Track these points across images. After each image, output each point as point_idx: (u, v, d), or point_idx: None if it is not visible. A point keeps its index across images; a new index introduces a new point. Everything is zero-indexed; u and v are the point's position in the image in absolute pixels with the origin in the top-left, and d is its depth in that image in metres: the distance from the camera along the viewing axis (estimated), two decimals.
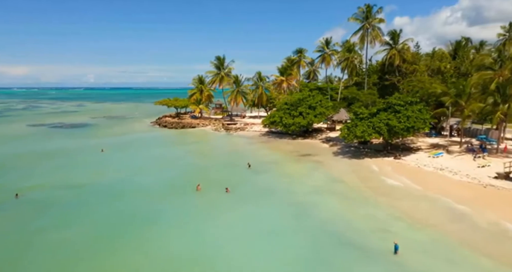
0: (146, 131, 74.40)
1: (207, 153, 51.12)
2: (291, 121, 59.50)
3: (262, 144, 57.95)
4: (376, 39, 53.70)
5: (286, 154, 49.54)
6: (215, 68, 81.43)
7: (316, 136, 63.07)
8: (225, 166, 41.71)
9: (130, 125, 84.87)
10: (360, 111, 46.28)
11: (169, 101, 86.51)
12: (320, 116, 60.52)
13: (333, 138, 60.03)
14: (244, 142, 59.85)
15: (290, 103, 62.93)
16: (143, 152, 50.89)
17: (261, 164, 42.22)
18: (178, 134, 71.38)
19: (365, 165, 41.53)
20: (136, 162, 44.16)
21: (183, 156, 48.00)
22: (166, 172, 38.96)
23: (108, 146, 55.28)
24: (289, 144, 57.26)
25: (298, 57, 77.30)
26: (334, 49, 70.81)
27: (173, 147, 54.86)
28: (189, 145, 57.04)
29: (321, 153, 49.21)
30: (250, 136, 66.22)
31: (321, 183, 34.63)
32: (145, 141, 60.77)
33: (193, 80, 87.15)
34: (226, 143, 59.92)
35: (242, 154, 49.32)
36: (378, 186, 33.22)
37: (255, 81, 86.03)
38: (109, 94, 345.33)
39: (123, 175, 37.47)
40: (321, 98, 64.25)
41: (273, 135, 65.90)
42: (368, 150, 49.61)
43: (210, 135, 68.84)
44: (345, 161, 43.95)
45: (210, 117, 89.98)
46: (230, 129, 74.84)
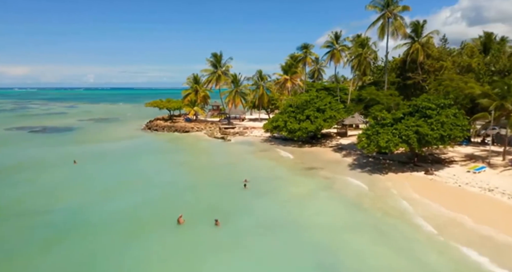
0: (134, 136, 66.47)
1: (197, 166, 42.92)
2: (297, 126, 51.57)
3: (263, 153, 49.96)
4: (398, 31, 45.51)
5: (291, 167, 41.57)
6: (211, 66, 73.47)
7: (325, 143, 55.06)
8: (217, 185, 33.71)
9: (118, 129, 76.94)
10: (382, 116, 38.29)
11: (160, 102, 78.47)
12: (331, 120, 52.56)
13: (346, 145, 52.01)
14: (242, 151, 51.87)
15: (296, 105, 55.01)
16: (122, 164, 42.96)
17: (261, 182, 34.35)
18: (168, 140, 63.39)
19: (391, 184, 33.45)
20: (109, 179, 36.17)
21: (168, 170, 39.99)
22: (142, 194, 30.99)
23: (84, 156, 47.48)
24: (294, 153, 49.28)
25: (303, 54, 69.14)
26: (345, 45, 62.82)
27: (159, 158, 46.85)
28: (178, 155, 48.99)
29: (332, 166, 41.23)
30: (249, 143, 58.25)
31: (338, 212, 26.70)
32: (128, 150, 52.85)
33: (187, 80, 79.22)
34: (221, 152, 51.89)
35: (238, 167, 41.37)
36: (419, 221, 25.06)
37: (255, 81, 78.09)
38: (107, 95, 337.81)
39: (87, 199, 29.53)
40: (330, 100, 56.36)
41: (275, 142, 57.94)
42: (390, 162, 41.64)
43: (204, 141, 60.80)
44: (364, 178, 35.90)
45: (206, 120, 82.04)
46: (227, 134, 66.92)
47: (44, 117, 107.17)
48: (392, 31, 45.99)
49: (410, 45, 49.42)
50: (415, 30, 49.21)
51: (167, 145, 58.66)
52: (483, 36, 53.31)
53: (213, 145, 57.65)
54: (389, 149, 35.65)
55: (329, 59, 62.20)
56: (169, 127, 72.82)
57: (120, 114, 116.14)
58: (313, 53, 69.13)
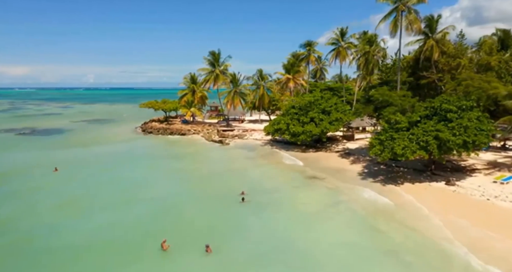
0: (126, 139, 62.50)
1: (190, 175, 38.69)
2: (300, 129, 47.54)
3: (263, 159, 45.95)
4: (413, 25, 41.27)
5: (294, 175, 37.53)
6: (209, 65, 69.28)
7: (331, 147, 51.01)
8: (212, 199, 29.67)
9: (111, 131, 73.00)
10: (397, 119, 34.21)
11: (155, 103, 74.38)
12: (337, 123, 48.51)
13: (353, 150, 47.95)
14: (241, 156, 47.86)
15: (299, 107, 50.99)
16: (107, 173, 38.92)
17: (260, 194, 30.38)
18: (162, 144, 59.36)
19: (409, 197, 29.37)
20: (88, 191, 32.05)
21: (157, 180, 35.90)
22: (123, 211, 26.96)
23: (68, 162, 43.60)
24: (297, 158, 45.25)
25: (307, 52, 64.90)
26: (351, 42, 58.72)
27: (149, 165, 42.78)
28: (170, 161, 44.89)
29: (340, 174, 37.21)
30: (249, 147, 54.23)
31: (351, 236, 22.56)
32: (117, 155, 48.82)
33: (184, 79, 75.10)
34: (218, 158, 47.78)
35: (236, 175, 37.37)
36: (463, 254, 20.78)
37: (255, 80, 74.02)
38: (106, 95, 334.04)
39: (60, 218, 25.55)
40: (336, 101, 52.30)
41: (277, 146, 53.93)
42: (404, 170, 37.60)
43: (200, 146, 56.74)
44: (377, 189, 31.85)
45: (203, 122, 78.02)
46: (226, 137, 62.95)
47: (36, 118, 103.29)
48: (406, 25, 41.88)
49: (424, 41, 45.28)
50: (429, 25, 44.99)
51: (160, 149, 54.56)
52: (498, 33, 49.25)
53: (210, 149, 53.58)
54: (405, 157, 31.58)
55: (334, 57, 58.06)
56: (164, 129, 68.79)
57: (116, 115, 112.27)
58: (317, 51, 64.95)
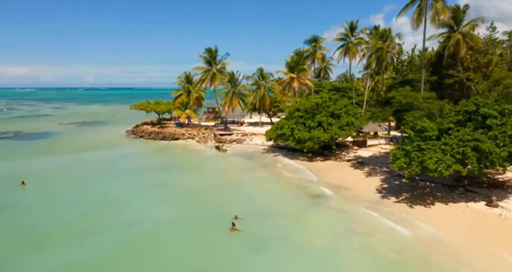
0: (113, 144, 56.83)
1: (176, 192, 32.33)
2: (307, 135, 41.94)
3: (264, 170, 40.31)
4: (440, 15, 35.40)
5: (299, 192, 31.86)
6: (205, 63, 63.50)
7: (341, 155, 45.35)
8: (197, 226, 23.99)
9: (99, 135, 67.36)
10: (425, 126, 28.56)
11: (147, 105, 68.61)
12: (348, 128, 42.89)
13: (367, 159, 42.29)
14: (239, 166, 42.27)
15: (304, 110, 45.39)
16: (81, 188, 33.23)
17: (257, 219, 24.99)
18: (151, 150, 53.66)
19: (446, 225, 23.71)
20: (52, 215, 26.30)
21: (135, 200, 29.99)
22: (86, 245, 21.27)
23: (41, 173, 38.13)
24: (302, 169, 39.66)
25: (312, 48, 59.14)
26: (361, 38, 53.04)
27: (131, 179, 36.97)
28: (157, 173, 39.06)
29: (355, 190, 31.61)
30: (248, 154, 48.60)
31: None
32: (98, 165, 43.12)
33: (178, 79, 69.44)
34: (212, 169, 41.98)
35: (231, 191, 31.79)
36: None
37: (255, 80, 68.37)
38: (105, 95, 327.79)
39: (3, 255, 19.90)
40: (346, 102, 46.67)
41: (280, 153, 48.31)
42: (431, 184, 31.97)
43: (194, 153, 51.01)
44: (400, 212, 26.24)
45: (200, 125, 72.37)
46: (223, 142, 57.31)
47: (25, 120, 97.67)
48: (432, 15, 36.22)
49: (448, 35, 39.69)
50: (454, 17, 39.40)
51: (148, 158, 48.72)
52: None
53: (204, 157, 47.87)
54: (439, 172, 25.96)
55: (342, 54, 52.39)
56: (156, 134, 63.13)
57: (109, 117, 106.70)
58: (323, 48, 59.19)
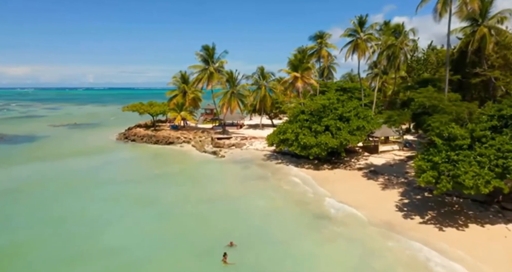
0: (102, 150, 52.52)
1: (163, 210, 27.11)
2: (313, 140, 37.67)
3: (264, 181, 35.85)
4: (469, 4, 30.89)
5: (305, 211, 27.42)
6: (202, 61, 59.16)
7: (350, 162, 41.07)
8: (184, 256, 19.66)
9: (89, 139, 63.10)
10: (454, 133, 24.23)
11: (140, 106, 64.22)
12: (359, 132, 38.60)
13: (380, 167, 38.00)
14: (237, 175, 37.94)
15: (310, 112, 41.13)
16: (56, 203, 28.95)
17: (255, 247, 20.79)
18: (142, 157, 49.32)
19: (485, 254, 19.39)
20: (17, 238, 22.04)
21: (115, 221, 25.46)
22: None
23: (15, 184, 33.82)
24: (308, 180, 35.37)
25: (318, 45, 54.72)
26: (371, 33, 48.75)
27: (114, 192, 32.43)
28: (143, 185, 34.29)
29: (368, 207, 27.28)
30: (248, 161, 44.29)
31: None
32: (80, 175, 38.70)
33: (173, 79, 65.19)
34: (207, 179, 37.46)
35: (226, 209, 27.45)
36: None
37: (255, 80, 64.08)
38: (103, 95, 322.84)
39: None
40: (356, 105, 42.35)
41: (282, 159, 44.03)
42: (458, 200, 27.70)
43: (188, 159, 46.65)
44: (428, 237, 21.94)
45: (196, 127, 68.05)
46: (221, 147, 53.02)
47: (15, 122, 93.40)
48: (458, 5, 31.82)
49: (472, 29, 35.39)
50: (479, 9, 35.04)
51: (137, 166, 44.13)
52: None
53: (199, 165, 43.45)
54: (475, 189, 21.67)
55: (350, 51, 48.08)
56: (149, 137, 58.83)
57: (103, 118, 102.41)
58: (330, 45, 54.74)
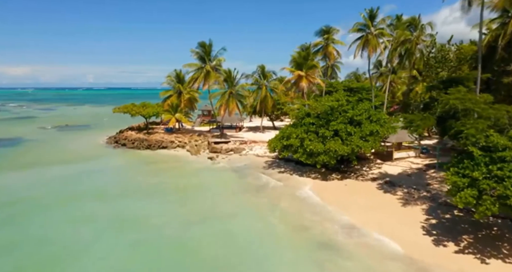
0: (87, 156, 48.10)
1: (145, 236, 22.82)
2: (321, 147, 33.31)
3: (264, 194, 31.47)
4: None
5: (315, 236, 23.06)
6: (198, 59, 54.81)
7: (361, 170, 36.73)
8: None
9: (76, 143, 58.76)
10: (498, 143, 19.89)
11: (132, 107, 59.75)
12: (372, 138, 34.18)
13: (396, 177, 33.63)
14: (233, 187, 33.58)
15: (316, 115, 36.79)
16: (23, 224, 24.61)
17: None
18: (130, 165, 44.72)
19: None
20: None
21: (90, 247, 21.19)
22: None
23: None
24: (314, 193, 31.01)
25: (324, 41, 50.23)
26: (382, 28, 44.39)
27: (91, 209, 27.85)
28: (126, 200, 29.84)
29: (388, 230, 22.93)
30: (247, 169, 39.97)
31: None
32: (57, 185, 34.36)
33: (167, 78, 60.74)
34: (200, 192, 32.82)
35: (217, 234, 23.02)
36: None
37: (256, 79, 59.72)
38: (102, 95, 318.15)
39: None
40: (367, 107, 37.91)
41: (286, 167, 39.75)
42: (495, 220, 23.35)
43: (181, 167, 42.16)
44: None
45: (193, 130, 63.68)
46: (218, 152, 48.72)
47: (3, 123, 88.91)
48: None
49: (503, 22, 31.13)
50: None
51: (123, 176, 39.25)
52: None
53: (193, 174, 38.88)
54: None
55: (360, 47, 43.72)
56: (141, 141, 54.43)
57: (96, 119, 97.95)
58: (337, 41, 50.24)
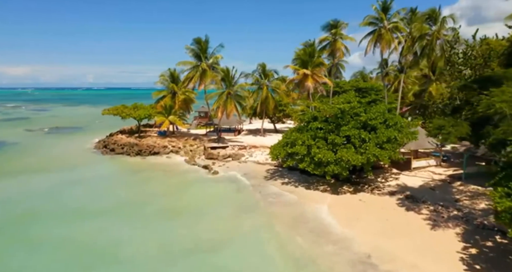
0: (68, 164, 43.54)
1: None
2: (331, 155, 28.88)
3: (262, 217, 27.00)
4: None
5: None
6: (193, 57, 50.38)
7: (376, 181, 32.27)
8: None
9: (61, 148, 54.37)
10: None
11: (122, 109, 55.12)
12: (391, 146, 29.68)
13: (417, 190, 29.15)
14: (228, 205, 29.05)
15: (324, 118, 32.38)
16: None
17: None
18: (115, 175, 40.12)
19: None
20: None
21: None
22: None
23: None
24: (325, 212, 26.58)
25: (331, 36, 45.64)
26: (397, 22, 39.92)
27: (56, 234, 23.33)
28: (101, 222, 25.08)
29: (418, 268, 18.50)
30: (246, 179, 35.48)
31: None
32: (23, 202, 29.89)
33: (161, 77, 56.34)
34: (189, 210, 28.04)
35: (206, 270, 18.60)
36: None
37: (256, 78, 55.27)
38: (100, 95, 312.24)
39: None
40: (382, 109, 33.31)
41: (290, 176, 35.35)
42: None
43: (171, 178, 37.41)
44: None
45: (188, 133, 59.21)
46: (215, 159, 44.32)
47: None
48: None
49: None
50: None
51: (105, 189, 33.79)
52: None
53: (184, 187, 34.25)
54: None
55: (372, 43, 39.29)
56: (130, 146, 49.91)
57: (89, 121, 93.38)
58: (345, 36, 45.54)
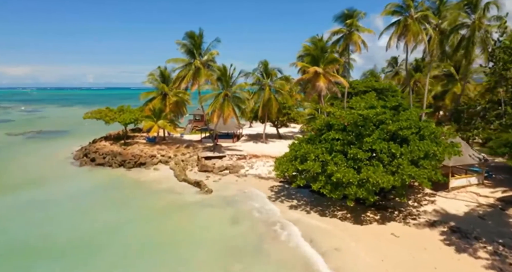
0: (38, 178, 37.26)
1: None
2: (353, 175, 22.48)
3: (262, 264, 20.73)
4: None
5: None
6: (185, 54, 44.03)
7: (407, 206, 25.91)
8: None
9: (36, 157, 48.09)
10: None
11: (106, 112, 48.60)
12: (429, 163, 23.28)
13: (462, 219, 22.81)
14: (220, 241, 22.70)
15: (342, 127, 26.05)
16: None
17: None
18: (88, 193, 33.18)
19: None
20: None
21: None
22: None
23: None
24: (348, 255, 20.32)
25: (346, 28, 39.03)
26: (423, 10, 33.56)
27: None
28: (45, 265, 19.39)
29: None
30: (243, 201, 29.15)
31: None
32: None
33: (149, 76, 49.92)
34: (170, 251, 21.63)
35: None
36: None
37: (257, 78, 48.85)
38: (99, 95, 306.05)
39: None
40: (414, 116, 26.77)
41: (299, 197, 29.05)
42: None
43: (155, 200, 30.54)
44: None
45: (181, 139, 52.85)
46: (209, 171, 38.11)
47: None
48: None
49: None
50: None
51: (67, 215, 26.46)
52: None
53: (169, 213, 27.59)
54: None
55: (396, 35, 32.95)
56: (113, 155, 43.54)
57: (77, 123, 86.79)
58: (362, 28, 38.77)
